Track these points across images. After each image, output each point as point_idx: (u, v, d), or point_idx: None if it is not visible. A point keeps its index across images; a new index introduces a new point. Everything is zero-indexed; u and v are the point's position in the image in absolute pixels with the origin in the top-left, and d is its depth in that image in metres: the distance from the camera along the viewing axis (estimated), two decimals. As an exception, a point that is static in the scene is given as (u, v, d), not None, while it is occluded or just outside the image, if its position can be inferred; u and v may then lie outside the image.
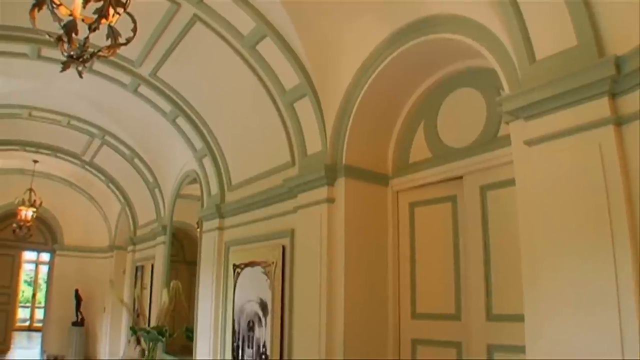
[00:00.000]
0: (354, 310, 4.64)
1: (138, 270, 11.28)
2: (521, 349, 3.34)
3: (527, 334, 3.11)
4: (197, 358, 7.28)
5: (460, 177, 4.38)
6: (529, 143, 3.13)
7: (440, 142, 4.64)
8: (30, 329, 21.99)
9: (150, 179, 9.86)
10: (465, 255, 4.28)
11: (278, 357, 5.46)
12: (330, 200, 4.84)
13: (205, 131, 6.93)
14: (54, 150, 11.06)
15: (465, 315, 4.26)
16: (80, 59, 3.16)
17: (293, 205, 5.33)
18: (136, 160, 9.80)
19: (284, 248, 5.55)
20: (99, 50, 3.13)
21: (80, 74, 3.33)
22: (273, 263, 5.68)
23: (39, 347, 16.46)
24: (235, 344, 6.40)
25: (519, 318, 3.37)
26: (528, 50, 3.15)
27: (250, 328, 6.07)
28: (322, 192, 4.89)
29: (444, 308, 4.46)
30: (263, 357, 5.77)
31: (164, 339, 7.94)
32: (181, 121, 7.06)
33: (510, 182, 3.63)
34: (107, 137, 9.64)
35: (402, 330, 4.80)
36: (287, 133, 5.56)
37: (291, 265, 5.38)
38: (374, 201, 4.96)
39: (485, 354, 3.97)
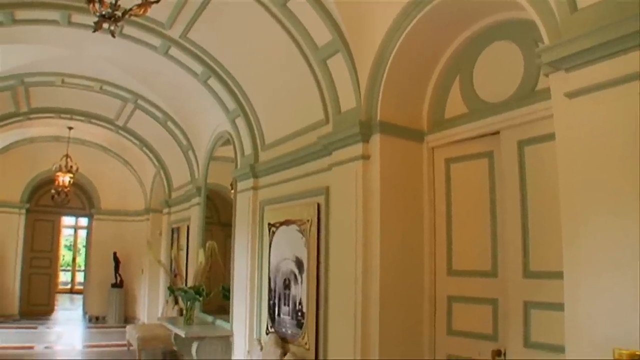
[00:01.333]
0: (389, 267, 4.65)
1: (174, 232, 11.46)
2: (558, 307, 3.31)
3: (566, 292, 3.07)
4: (234, 316, 7.42)
5: (497, 133, 4.28)
6: (570, 95, 3.04)
7: (476, 97, 4.54)
8: (71, 291, 22.65)
9: (184, 142, 9.92)
10: (502, 212, 4.22)
11: (314, 314, 5.52)
12: (365, 157, 4.80)
13: (237, 92, 6.91)
14: (88, 116, 11.21)
15: (501, 272, 4.22)
16: (112, 18, 3.16)
17: (327, 162, 5.31)
18: (169, 123, 9.85)
19: (319, 206, 5.55)
20: (130, 9, 3.12)
21: (112, 33, 3.34)
22: (308, 221, 5.69)
23: (80, 308, 16.98)
24: (271, 302, 6.49)
25: (557, 275, 3.34)
26: (569, -1, 3.04)
27: (286, 286, 6.14)
28: (356, 149, 4.85)
29: (480, 265, 4.42)
30: (299, 314, 5.84)
31: (201, 298, 8.07)
32: (213, 82, 7.05)
33: (549, 137, 3.56)
34: (140, 101, 9.71)
35: (437, 287, 4.79)
36: (320, 90, 5.50)
37: (326, 223, 5.38)
38: (409, 158, 4.90)
39: (521, 311, 3.94)
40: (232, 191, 9.02)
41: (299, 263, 5.88)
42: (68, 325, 14.71)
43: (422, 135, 4.99)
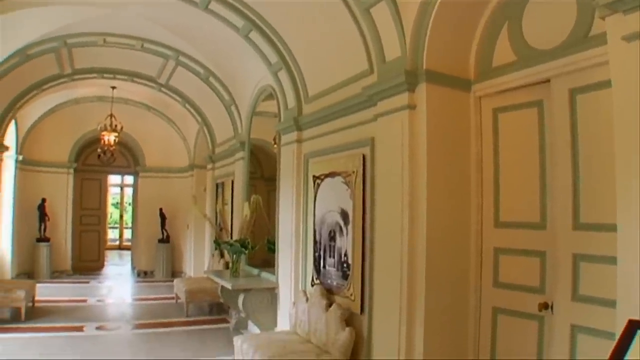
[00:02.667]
0: (436, 219, 4.61)
1: (218, 186, 11.59)
2: (609, 260, 3.26)
3: (619, 245, 3.01)
4: (279, 268, 7.52)
5: (548, 81, 4.15)
6: (628, 39, 2.92)
7: (525, 44, 4.38)
8: (120, 248, 23.29)
9: (226, 97, 9.94)
10: (552, 163, 4.12)
11: (360, 266, 5.54)
12: (411, 107, 4.71)
13: (279, 44, 6.83)
14: (130, 75, 11.33)
15: (550, 224, 4.15)
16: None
17: (372, 113, 5.23)
18: (211, 79, 9.87)
19: (364, 157, 5.50)
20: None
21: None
22: (353, 172, 5.67)
23: (129, 263, 17.47)
24: (316, 254, 6.54)
25: (609, 228, 3.29)
26: None
27: (332, 238, 6.16)
28: (402, 99, 4.76)
29: (529, 217, 4.35)
30: (344, 265, 5.87)
31: (246, 251, 8.18)
32: (254, 35, 6.98)
33: (603, 85, 3.46)
34: (181, 58, 9.74)
35: (484, 238, 4.75)
36: (364, 40, 5.38)
37: (372, 174, 5.35)
38: (456, 107, 4.80)
39: (570, 264, 3.88)
40: (275, 145, 9.04)
41: (344, 215, 5.88)
42: (118, 280, 15.19)
43: (469, 84, 4.87)
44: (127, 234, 23.60)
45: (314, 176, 6.62)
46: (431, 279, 4.58)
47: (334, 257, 6.12)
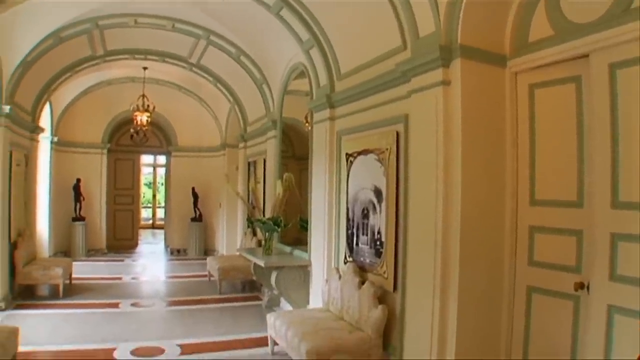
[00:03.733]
0: (470, 196, 4.57)
1: (250, 165, 11.65)
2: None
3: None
4: (312, 246, 7.55)
5: (586, 56, 4.04)
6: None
7: (563, 18, 4.27)
8: (153, 227, 23.64)
9: (258, 76, 9.93)
10: (590, 140, 4.04)
11: (393, 243, 5.53)
12: (446, 83, 4.65)
13: (310, 21, 6.79)
14: (162, 55, 11.40)
15: (587, 203, 4.09)
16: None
17: (406, 90, 5.17)
18: (242, 58, 9.86)
19: (397, 134, 5.46)
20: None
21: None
22: (387, 150, 5.63)
23: (162, 242, 17.72)
24: (349, 232, 6.54)
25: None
26: None
27: (365, 215, 6.15)
28: (436, 75, 4.69)
29: (565, 195, 4.29)
30: (378, 243, 5.87)
31: (279, 229, 8.22)
32: (286, 13, 6.95)
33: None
34: (212, 37, 9.75)
35: (519, 217, 4.70)
36: (397, 15, 5.30)
37: (406, 151, 5.31)
38: (491, 83, 4.72)
39: (608, 243, 3.82)
40: (307, 124, 9.03)
41: (377, 192, 5.86)
42: (151, 258, 15.43)
43: (505, 59, 4.78)
44: (160, 213, 23.94)
45: (346, 154, 6.59)
46: (465, 257, 4.56)
47: (367, 235, 6.11)
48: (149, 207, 24.91)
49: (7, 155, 8.76)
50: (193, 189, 15.57)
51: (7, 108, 8.38)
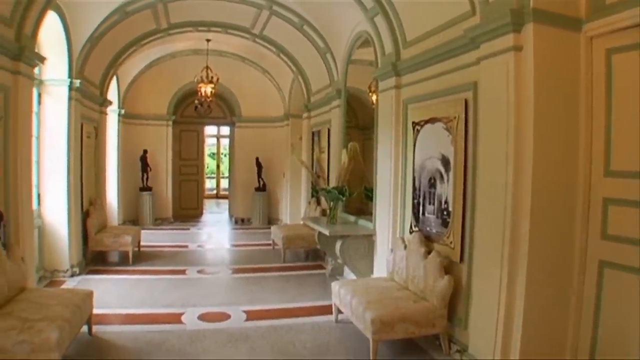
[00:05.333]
0: (542, 166, 4.43)
1: (314, 135, 11.66)
2: None
3: None
4: (377, 215, 7.53)
5: (670, 17, 3.85)
6: None
7: (645, -25, 4.06)
8: (217, 197, 24.05)
9: (321, 45, 9.88)
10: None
11: (461, 213, 5.46)
12: (517, 48, 4.47)
13: (375, -13, 6.70)
14: (225, 27, 11.44)
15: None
16: None
17: (475, 56, 5.02)
18: (305, 27, 9.82)
19: (466, 102, 5.34)
20: None
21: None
22: (455, 118, 5.52)
23: (226, 212, 18.05)
24: (415, 201, 6.48)
25: None
26: None
27: (432, 184, 6.08)
28: (507, 40, 4.52)
29: (643, 165, 4.09)
30: (444, 213, 5.79)
31: (344, 198, 8.23)
32: (350, -20, 6.88)
33: None
34: (275, 7, 9.73)
35: (592, 188, 4.50)
36: (466, -21, 5.17)
37: (475, 120, 5.18)
38: (565, 48, 4.51)
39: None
40: (370, 94, 8.96)
41: (445, 161, 5.77)
42: (216, 227, 15.73)
43: (580, 23, 4.53)
44: (223, 183, 24.33)
45: (413, 122, 6.50)
46: (535, 230, 4.44)
47: (433, 204, 6.05)
48: (213, 178, 25.32)
49: (78, 128, 9.08)
50: (257, 159, 15.75)
51: (77, 82, 8.69)
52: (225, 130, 20.72)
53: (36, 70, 7.04)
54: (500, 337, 4.61)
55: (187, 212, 17.20)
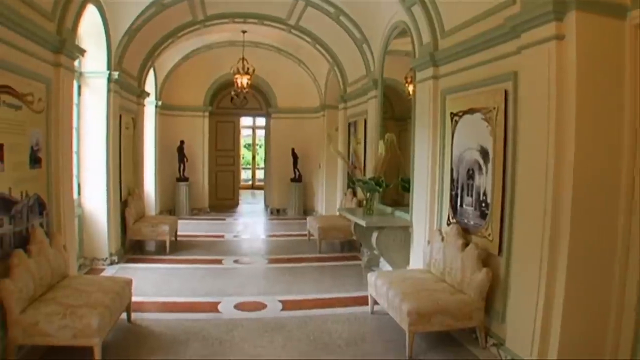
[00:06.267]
0: (584, 158, 4.32)
1: (350, 126, 11.62)
2: None
3: None
4: (414, 207, 7.49)
5: None
6: None
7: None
8: (252, 187, 24.18)
9: (358, 35, 9.83)
10: None
11: (499, 206, 5.38)
12: (559, 38, 4.37)
13: (413, -23, 6.62)
14: (260, 18, 11.44)
15: None
16: None
17: (516, 46, 4.92)
18: (342, 18, 9.77)
19: (506, 92, 5.25)
20: None
21: None
22: (494, 109, 5.43)
23: (262, 202, 18.16)
24: (453, 193, 6.42)
25: None
26: None
27: (470, 176, 6.01)
28: (549, 29, 4.42)
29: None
30: (483, 204, 5.72)
31: (380, 189, 8.20)
32: (387, -31, 6.81)
33: None
34: (311, -3, 9.72)
35: (636, 181, 4.35)
36: (506, -33, 5.08)
37: (514, 111, 5.10)
38: (610, 37, 4.37)
39: None
40: (407, 85, 8.89)
41: (483, 153, 5.70)
42: (252, 217, 15.83)
43: (625, 10, 4.38)
44: (259, 174, 24.47)
45: (451, 113, 6.43)
46: (576, 223, 4.34)
47: (471, 196, 5.98)
48: (249, 169, 25.47)
49: (117, 119, 9.23)
50: (293, 150, 15.79)
51: (116, 74, 8.84)
52: (260, 121, 20.84)
53: (76, 62, 7.15)
54: (539, 333, 4.55)
55: (223, 202, 17.37)
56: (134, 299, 6.27)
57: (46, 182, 6.06)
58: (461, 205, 6.22)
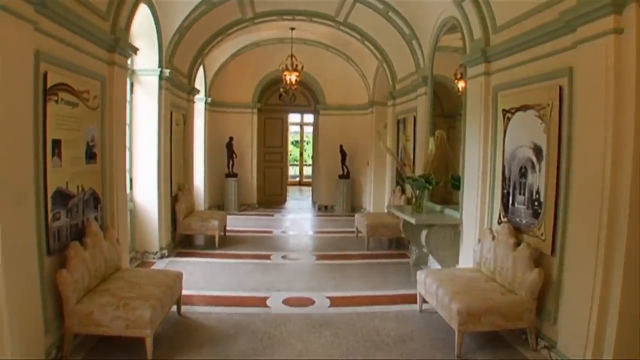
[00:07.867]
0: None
1: (400, 123, 11.54)
2: None
3: None
4: (464, 205, 7.40)
5: None
6: None
7: None
8: (300, 184, 24.32)
9: (407, 31, 9.75)
10: None
11: (553, 205, 5.26)
12: (618, 31, 4.23)
13: (464, -29, 6.52)
14: (309, 15, 11.49)
15: None
16: None
17: (571, 40, 4.80)
18: (391, 14, 9.72)
19: (561, 89, 5.10)
20: None
21: None
22: (548, 105, 5.30)
23: (309, 198, 18.27)
24: (505, 191, 6.31)
25: None
26: None
27: (522, 174, 5.89)
28: (607, 22, 4.29)
29: None
30: (536, 203, 5.61)
31: (430, 187, 8.12)
32: (437, -36, 6.73)
33: None
34: (360, -6, 9.68)
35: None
36: (562, -42, 4.93)
37: (570, 107, 4.96)
38: (672, 30, 4.25)
39: None
40: (456, 81, 8.78)
41: (537, 150, 5.57)
42: (299, 214, 15.92)
43: None
44: (306, 170, 24.57)
45: (503, 110, 6.32)
46: (634, 223, 4.19)
47: (524, 195, 5.86)
48: (296, 165, 25.57)
49: (167, 116, 9.41)
50: (341, 146, 15.78)
51: (167, 72, 9.03)
52: (308, 118, 20.93)
53: (129, 61, 7.29)
54: (593, 335, 4.43)
55: (271, 198, 17.50)
56: (184, 292, 6.39)
57: (101, 177, 6.21)
58: (513, 203, 6.11)
